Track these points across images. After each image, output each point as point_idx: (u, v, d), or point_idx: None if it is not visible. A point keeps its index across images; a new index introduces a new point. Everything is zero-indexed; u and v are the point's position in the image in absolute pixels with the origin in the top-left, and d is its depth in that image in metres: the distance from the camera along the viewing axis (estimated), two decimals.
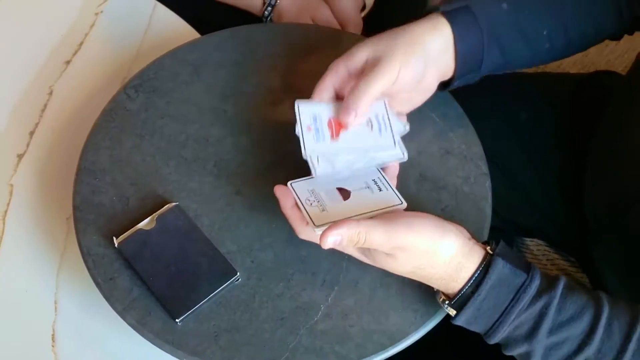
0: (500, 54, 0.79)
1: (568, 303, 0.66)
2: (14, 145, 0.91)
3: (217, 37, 0.92)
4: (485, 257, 0.67)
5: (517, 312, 0.65)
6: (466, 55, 0.77)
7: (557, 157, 0.95)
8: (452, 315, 0.68)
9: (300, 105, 0.76)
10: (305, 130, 0.75)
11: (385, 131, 0.76)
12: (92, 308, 0.79)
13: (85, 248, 0.75)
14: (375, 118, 0.77)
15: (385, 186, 0.72)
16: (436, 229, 0.66)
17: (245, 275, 0.74)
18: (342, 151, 0.75)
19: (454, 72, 0.78)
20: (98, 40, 1.01)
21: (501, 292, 0.65)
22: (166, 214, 0.76)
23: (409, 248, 0.65)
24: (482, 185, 0.80)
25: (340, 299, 0.73)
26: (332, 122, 0.76)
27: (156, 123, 0.84)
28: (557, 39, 0.80)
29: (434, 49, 0.75)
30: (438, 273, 0.66)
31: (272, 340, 0.70)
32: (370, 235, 0.64)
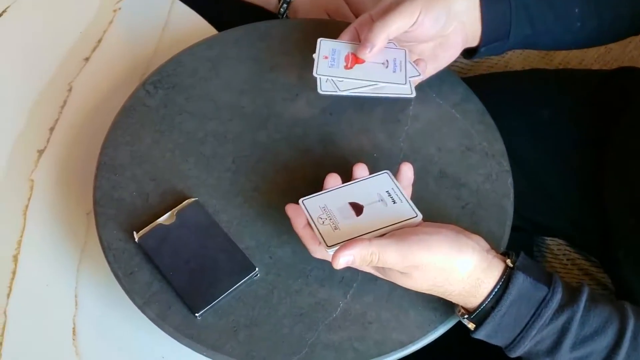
0: (529, 25, 0.79)
1: (592, 316, 0.64)
2: (34, 141, 0.91)
3: (235, 34, 0.93)
4: (505, 270, 0.65)
5: (539, 327, 0.64)
6: (492, 19, 0.78)
7: (579, 155, 0.94)
8: (472, 329, 0.67)
9: (323, 41, 0.81)
10: (321, 59, 0.80)
11: (399, 72, 0.79)
12: (113, 302, 0.79)
13: (106, 242, 0.75)
14: (393, 61, 0.80)
15: (400, 198, 0.71)
16: (452, 246, 0.64)
17: (263, 271, 0.74)
18: (352, 78, 0.79)
19: (481, 38, 0.79)
20: (116, 36, 1.02)
21: (522, 307, 0.64)
22: (186, 210, 0.76)
23: (423, 266, 0.64)
24: (504, 182, 0.80)
25: (359, 296, 0.73)
26: (349, 55, 0.80)
27: (175, 119, 0.85)
28: (589, 19, 0.80)
29: (458, 7, 0.77)
30: (456, 290, 0.65)
31: (290, 335, 0.70)
32: (384, 254, 0.63)
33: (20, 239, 0.84)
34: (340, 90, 0.82)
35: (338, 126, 0.84)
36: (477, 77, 1.06)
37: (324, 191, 0.72)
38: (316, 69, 0.80)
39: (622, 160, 0.87)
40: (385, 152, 0.81)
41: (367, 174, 0.73)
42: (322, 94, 0.82)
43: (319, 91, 0.82)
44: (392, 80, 0.79)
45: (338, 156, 0.81)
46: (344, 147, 0.82)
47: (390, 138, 0.83)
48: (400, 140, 0.83)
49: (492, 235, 0.76)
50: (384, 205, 0.70)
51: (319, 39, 0.82)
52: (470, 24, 0.78)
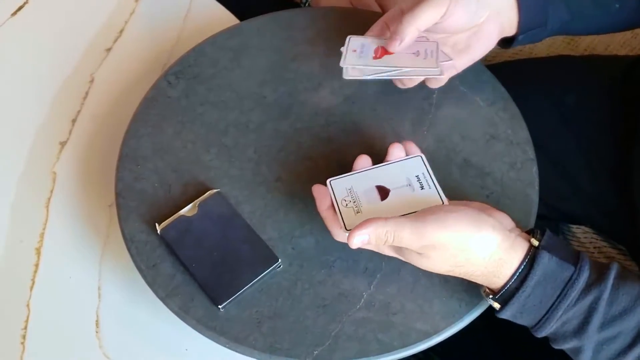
0: (567, 10, 0.77)
1: (620, 294, 0.63)
2: (57, 133, 0.91)
3: (256, 23, 0.92)
4: (529, 250, 0.64)
5: (565, 307, 0.63)
6: (529, 6, 0.76)
7: (606, 142, 0.92)
8: (497, 309, 0.66)
9: (352, 38, 0.79)
10: (350, 51, 0.78)
11: (430, 57, 0.77)
12: (135, 294, 0.79)
13: (128, 235, 0.75)
14: (424, 51, 0.77)
15: (429, 183, 0.70)
16: (470, 224, 0.63)
17: (286, 262, 0.73)
18: (383, 66, 0.76)
19: (518, 26, 0.77)
20: (138, 27, 1.01)
21: (547, 287, 0.63)
22: (208, 201, 0.76)
23: (441, 246, 0.63)
24: (529, 171, 0.79)
25: (382, 287, 0.72)
26: (379, 48, 0.78)
27: (197, 110, 0.84)
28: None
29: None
30: (478, 270, 0.64)
31: (314, 327, 0.70)
32: (399, 233, 0.62)
33: (42, 232, 0.84)
34: (366, 75, 0.78)
35: (361, 115, 0.83)
36: (501, 64, 1.05)
37: (352, 172, 0.71)
38: (344, 60, 0.77)
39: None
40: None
41: (403, 154, 0.72)
42: (348, 79, 0.78)
43: (344, 76, 0.78)
44: (422, 65, 0.76)
45: (361, 145, 0.80)
46: (367, 136, 0.81)
47: (414, 127, 0.82)
48: (423, 129, 0.81)
49: (517, 224, 0.74)
50: (410, 190, 0.70)
51: (348, 36, 0.79)
52: (506, 12, 0.76)
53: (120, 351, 0.77)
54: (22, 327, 0.79)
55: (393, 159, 0.72)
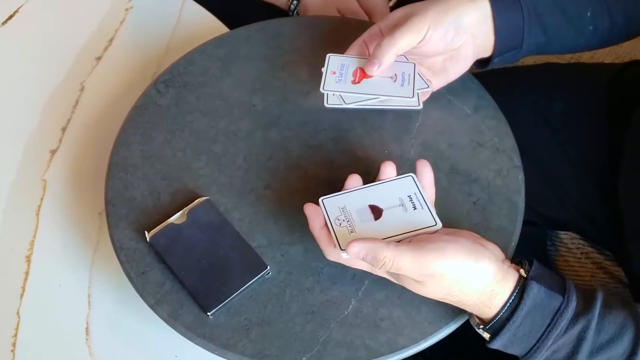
0: (542, 32, 0.78)
1: (607, 323, 0.64)
2: (47, 141, 0.92)
3: (245, 32, 0.93)
4: (519, 281, 0.65)
5: (555, 337, 0.63)
6: (505, 30, 0.77)
7: (592, 149, 0.93)
8: (487, 339, 0.67)
9: (331, 57, 0.81)
10: (329, 74, 0.80)
11: (407, 85, 0.79)
12: (125, 302, 0.80)
13: (118, 242, 0.76)
14: (402, 75, 0.80)
15: (421, 203, 0.70)
16: (469, 256, 0.64)
17: (275, 269, 0.74)
18: (359, 92, 0.79)
19: (494, 49, 0.78)
20: (128, 36, 1.02)
21: (537, 317, 0.63)
22: (197, 208, 0.76)
23: (439, 276, 0.63)
24: (515, 178, 0.79)
25: (370, 293, 0.72)
26: (357, 70, 0.80)
27: (186, 118, 0.85)
28: (602, 21, 0.79)
29: (468, 19, 0.76)
30: (471, 300, 0.65)
31: (303, 333, 0.70)
32: (398, 260, 0.63)
33: (33, 240, 0.85)
34: (346, 104, 0.81)
35: (350, 123, 0.83)
36: (488, 72, 1.05)
37: (344, 191, 0.71)
38: (323, 85, 0.79)
39: (636, 153, 0.86)
40: (396, 149, 0.81)
41: (394, 174, 0.72)
42: (328, 107, 0.82)
43: (325, 105, 0.81)
44: (399, 94, 0.79)
45: (350, 153, 0.81)
46: (355, 144, 0.82)
47: (402, 135, 0.82)
48: (411, 137, 0.82)
49: (503, 231, 0.75)
50: (403, 211, 0.70)
51: (327, 55, 0.82)
52: (482, 36, 0.78)
53: (109, 358, 0.77)
54: (12, 335, 0.79)
55: (384, 178, 0.72)
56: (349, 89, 0.79)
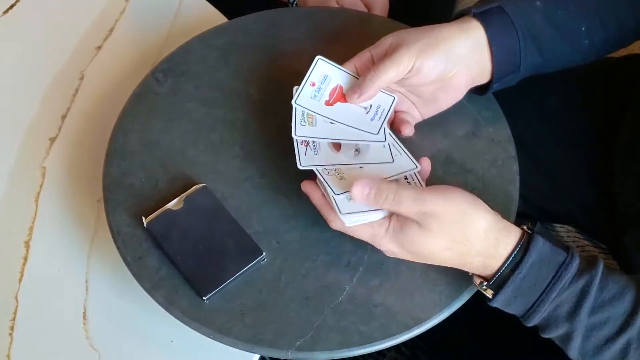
0: (538, 53, 0.78)
1: (610, 282, 0.65)
2: (46, 129, 0.93)
3: (244, 22, 0.93)
4: (522, 235, 0.66)
5: (559, 289, 0.64)
6: (502, 56, 0.76)
7: (587, 142, 0.94)
8: (490, 297, 0.68)
9: (320, 61, 0.79)
10: (308, 84, 0.78)
11: (377, 120, 0.77)
12: (122, 287, 0.80)
13: (115, 228, 0.76)
14: (376, 108, 0.78)
15: (399, 150, 0.73)
16: (467, 201, 0.66)
17: (271, 256, 0.75)
18: (325, 115, 0.77)
19: (492, 75, 0.78)
20: (128, 26, 1.03)
21: (542, 269, 0.65)
22: (194, 195, 0.77)
23: (440, 215, 0.64)
24: (510, 168, 0.80)
25: (364, 280, 0.73)
26: (337, 88, 0.78)
27: (184, 107, 0.85)
28: (596, 34, 0.79)
29: (461, 49, 0.75)
30: (475, 248, 0.65)
31: (297, 319, 0.71)
32: (400, 194, 0.64)
33: (31, 226, 0.85)
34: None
35: None
36: None
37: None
38: (296, 97, 0.77)
39: (631, 146, 0.87)
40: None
41: (429, 168, 0.74)
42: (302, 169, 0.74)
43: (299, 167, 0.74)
44: (365, 129, 0.76)
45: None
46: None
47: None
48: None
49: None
50: None
51: (317, 57, 0.79)
52: (477, 64, 0.76)
53: (106, 343, 0.78)
54: (11, 319, 0.80)
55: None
56: (319, 110, 0.77)
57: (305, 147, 0.75)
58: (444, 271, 0.72)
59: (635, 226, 0.86)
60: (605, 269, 0.66)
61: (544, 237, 0.66)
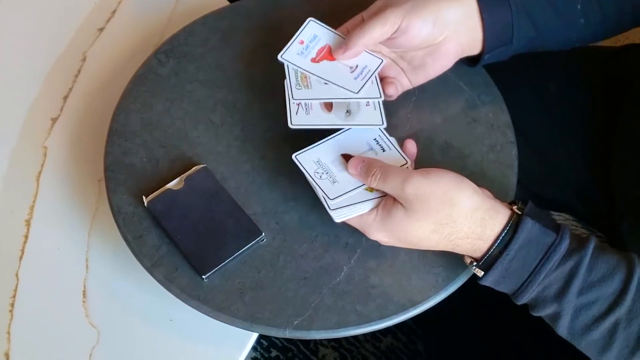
0: (532, 27, 0.78)
1: (599, 262, 0.65)
2: (48, 109, 0.93)
3: (246, 4, 0.93)
4: (511, 216, 0.67)
5: (547, 271, 0.65)
6: (494, 26, 0.76)
7: (586, 129, 0.94)
8: (480, 275, 0.68)
9: (311, 22, 0.80)
10: (296, 42, 0.79)
11: (360, 80, 0.77)
12: (122, 265, 0.81)
13: (116, 207, 0.77)
14: (362, 68, 0.78)
15: (388, 145, 0.74)
16: (452, 181, 0.66)
17: (270, 236, 0.75)
18: (310, 71, 0.78)
19: (483, 47, 0.78)
20: (130, 7, 1.03)
21: (530, 251, 0.65)
22: (194, 175, 0.78)
23: (425, 196, 0.65)
24: (509, 153, 0.81)
25: (362, 261, 0.74)
26: (325, 48, 0.79)
27: (185, 88, 0.86)
28: (592, 14, 0.79)
29: (450, 15, 0.75)
30: (462, 230, 0.66)
31: (295, 298, 0.72)
32: (387, 173, 0.66)
33: (32, 204, 0.86)
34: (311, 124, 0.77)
35: None
36: None
37: (314, 144, 0.75)
38: (283, 52, 0.78)
39: (629, 134, 0.87)
40: (392, 122, 0.81)
41: (415, 150, 0.75)
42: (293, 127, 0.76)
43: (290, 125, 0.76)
44: (346, 86, 0.77)
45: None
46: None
47: (398, 108, 0.83)
48: (407, 111, 0.83)
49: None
50: (374, 154, 0.73)
51: (308, 19, 0.80)
52: (467, 32, 0.77)
53: (106, 320, 0.79)
54: (11, 296, 0.80)
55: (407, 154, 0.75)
56: (303, 65, 0.78)
57: (297, 107, 0.77)
58: (441, 254, 0.73)
59: (632, 214, 0.86)
60: (595, 250, 0.66)
61: (534, 218, 0.66)
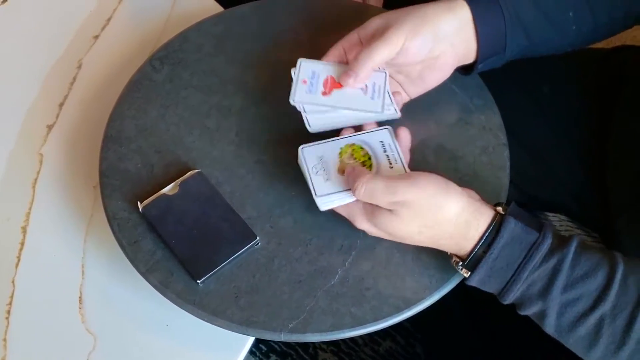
0: (525, 36, 0.78)
1: (582, 259, 0.66)
2: (44, 116, 0.94)
3: (240, 11, 0.94)
4: (495, 216, 0.67)
5: (530, 269, 0.66)
6: (488, 36, 0.77)
7: (580, 130, 0.95)
8: (466, 276, 0.69)
9: (303, 62, 0.79)
10: (299, 83, 0.78)
11: (377, 99, 0.78)
12: (117, 271, 0.81)
13: (111, 212, 0.77)
14: (372, 86, 0.79)
15: (395, 159, 0.74)
16: (439, 186, 0.67)
17: (265, 240, 0.76)
18: (329, 104, 0.77)
19: (477, 55, 0.78)
20: (126, 15, 1.04)
21: (514, 249, 0.66)
22: (189, 180, 0.78)
23: (411, 203, 0.66)
24: (501, 155, 0.81)
25: (357, 264, 0.74)
26: (328, 79, 0.79)
27: (180, 93, 0.86)
28: (584, 21, 0.80)
29: (447, 28, 0.76)
30: (447, 232, 0.67)
31: (290, 301, 0.72)
32: (372, 185, 0.66)
33: (29, 211, 0.86)
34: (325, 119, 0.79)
35: None
36: None
37: (323, 141, 0.75)
38: (293, 96, 0.78)
39: (623, 134, 0.87)
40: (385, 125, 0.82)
41: (409, 138, 0.76)
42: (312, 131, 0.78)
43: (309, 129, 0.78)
44: (368, 109, 0.77)
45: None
46: None
47: None
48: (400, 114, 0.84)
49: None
50: (376, 159, 0.74)
51: (298, 60, 0.80)
52: (462, 43, 0.77)
53: (102, 326, 0.79)
54: (7, 303, 0.80)
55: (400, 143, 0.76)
56: (319, 101, 0.78)
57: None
58: (435, 255, 0.73)
59: (626, 215, 0.86)
60: (578, 247, 0.67)
61: (517, 218, 0.67)
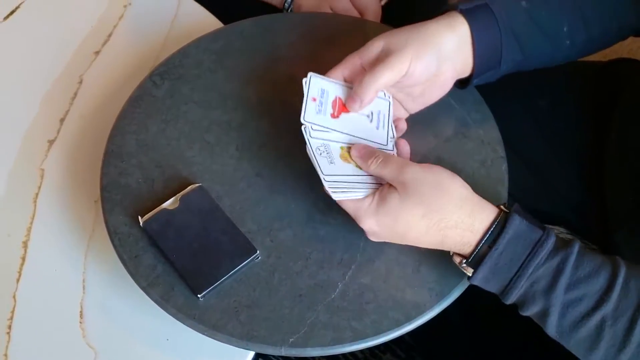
0: (520, 51, 0.79)
1: (585, 260, 0.66)
2: (45, 132, 0.94)
3: (240, 27, 0.95)
4: (499, 212, 0.69)
5: (535, 266, 0.66)
6: (484, 53, 0.78)
7: (578, 143, 0.96)
8: (469, 274, 0.70)
9: (313, 77, 0.79)
10: (309, 100, 0.78)
11: (382, 129, 0.79)
12: (119, 286, 0.82)
13: (112, 227, 0.78)
14: (377, 114, 0.79)
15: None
16: (445, 171, 0.69)
17: (265, 254, 0.76)
18: (337, 130, 0.77)
19: (473, 70, 0.79)
20: (126, 31, 1.04)
21: (518, 246, 0.66)
22: (190, 195, 0.78)
23: (419, 181, 0.68)
24: (499, 168, 0.82)
25: (357, 277, 0.74)
26: (337, 100, 0.79)
27: (180, 109, 0.87)
28: (578, 35, 0.81)
29: (448, 46, 0.76)
30: (452, 219, 0.67)
31: (290, 315, 0.72)
32: (387, 160, 0.70)
33: (30, 226, 0.87)
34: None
35: None
36: None
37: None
38: (304, 115, 0.77)
39: (621, 146, 0.88)
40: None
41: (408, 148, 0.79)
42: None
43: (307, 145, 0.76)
44: (374, 139, 0.78)
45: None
46: None
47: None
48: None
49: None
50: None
51: (309, 74, 0.79)
52: (461, 60, 0.78)
53: (103, 341, 0.79)
54: (8, 318, 0.81)
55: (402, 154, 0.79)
56: (328, 124, 0.77)
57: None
58: (435, 268, 0.74)
59: (625, 226, 0.87)
60: (581, 249, 0.67)
61: (521, 216, 0.68)
